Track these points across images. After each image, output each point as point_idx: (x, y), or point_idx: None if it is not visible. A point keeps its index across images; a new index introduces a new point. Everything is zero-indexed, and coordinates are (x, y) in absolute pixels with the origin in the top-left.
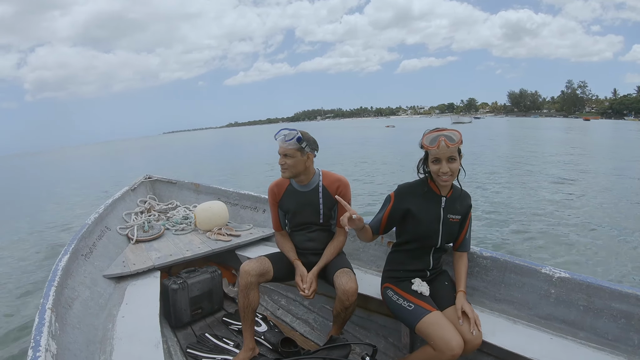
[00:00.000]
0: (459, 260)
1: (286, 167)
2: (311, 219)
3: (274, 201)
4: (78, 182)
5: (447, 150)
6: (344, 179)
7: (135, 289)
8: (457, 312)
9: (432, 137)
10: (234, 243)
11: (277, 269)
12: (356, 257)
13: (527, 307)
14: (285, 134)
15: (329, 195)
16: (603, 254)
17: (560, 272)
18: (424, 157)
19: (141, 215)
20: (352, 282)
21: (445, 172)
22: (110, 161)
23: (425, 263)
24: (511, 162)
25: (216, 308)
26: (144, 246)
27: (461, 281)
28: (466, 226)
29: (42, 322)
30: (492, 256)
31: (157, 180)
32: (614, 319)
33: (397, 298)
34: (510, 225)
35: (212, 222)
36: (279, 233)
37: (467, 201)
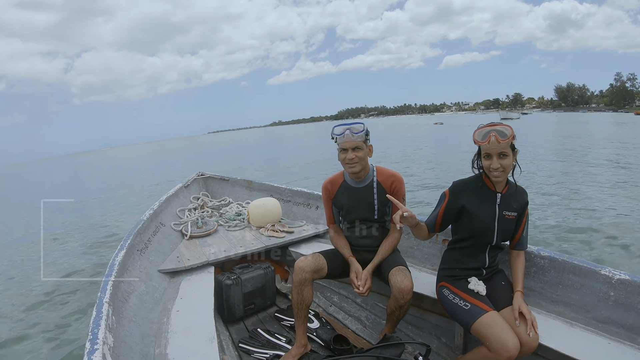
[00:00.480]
0: (516, 259)
1: (356, 160)
2: (366, 215)
3: (328, 198)
4: (128, 180)
5: (497, 145)
6: (398, 174)
7: (189, 283)
8: (514, 313)
9: (484, 132)
10: (287, 239)
11: (331, 265)
12: (410, 254)
13: (584, 310)
14: (351, 127)
15: (383, 191)
16: None
17: (620, 274)
18: (477, 152)
19: (194, 211)
20: (407, 281)
21: (495, 168)
22: (159, 160)
23: (481, 261)
24: (566, 159)
25: (269, 304)
26: (198, 242)
27: (518, 281)
28: (523, 223)
29: (99, 315)
30: (550, 256)
31: (209, 177)
32: None
33: (453, 297)
34: (568, 222)
35: (266, 219)
36: (333, 230)
37: (523, 198)
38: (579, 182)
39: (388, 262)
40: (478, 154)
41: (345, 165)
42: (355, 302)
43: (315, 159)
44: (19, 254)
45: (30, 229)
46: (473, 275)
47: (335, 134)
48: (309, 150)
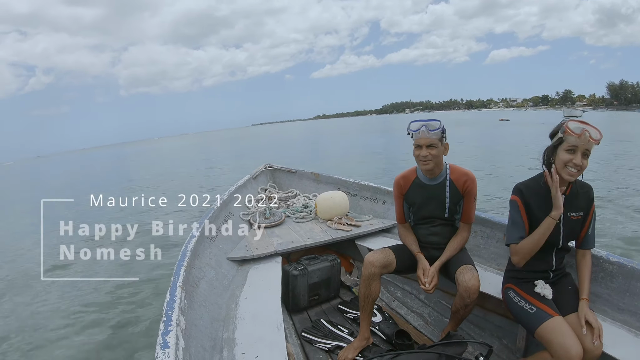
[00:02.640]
0: (582, 259)
1: (430, 158)
2: (436, 213)
3: (400, 194)
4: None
5: (587, 142)
6: (471, 173)
7: (257, 272)
8: (580, 321)
9: (578, 125)
10: (354, 233)
11: (400, 261)
12: (477, 253)
13: None
14: (427, 124)
15: (455, 190)
16: None
17: None
18: (554, 143)
19: (262, 202)
20: (474, 280)
21: (577, 163)
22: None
23: (547, 264)
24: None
25: (332, 295)
26: (266, 232)
27: (584, 287)
28: (588, 221)
29: (173, 299)
30: (619, 262)
31: (277, 169)
32: None
33: (519, 300)
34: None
35: (333, 212)
36: (402, 226)
37: (588, 194)
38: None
39: (455, 260)
40: (554, 147)
41: (418, 162)
42: (418, 299)
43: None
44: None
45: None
46: (540, 278)
47: (411, 130)
48: (359, 145)
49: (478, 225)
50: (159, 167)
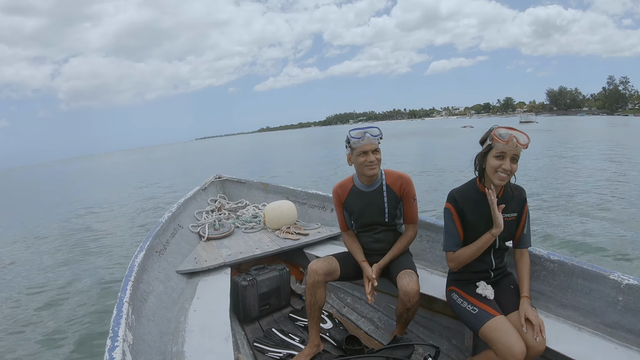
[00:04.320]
0: (520, 258)
1: (376, 162)
2: (377, 219)
3: (339, 203)
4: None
5: (514, 148)
6: (406, 175)
7: (206, 284)
8: (520, 319)
9: (505, 132)
10: (302, 242)
11: (344, 268)
12: (422, 257)
13: (593, 314)
14: (369, 130)
15: (393, 193)
16: None
17: (629, 279)
18: (484, 150)
19: (212, 213)
20: (413, 284)
21: (506, 169)
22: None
23: (487, 264)
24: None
25: (283, 304)
26: (215, 244)
27: (524, 285)
28: (522, 221)
29: (120, 314)
30: (559, 260)
31: (226, 180)
32: None
33: (462, 301)
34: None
35: (281, 221)
36: (346, 234)
37: (521, 196)
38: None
39: (397, 265)
40: (484, 153)
41: (364, 168)
42: (367, 304)
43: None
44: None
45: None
46: (481, 278)
47: (353, 138)
48: (305, 156)
49: (423, 230)
50: (105, 183)
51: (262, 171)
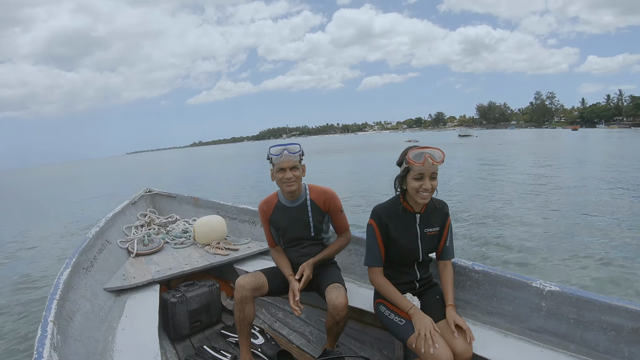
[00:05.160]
0: (444, 269)
1: (294, 179)
2: (302, 234)
3: (265, 219)
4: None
5: (431, 167)
6: (330, 190)
7: (135, 302)
8: (450, 326)
9: (418, 153)
10: (232, 257)
11: (272, 283)
12: (351, 271)
13: (518, 320)
14: (288, 147)
15: (317, 208)
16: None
17: (550, 286)
18: (402, 173)
19: (141, 228)
20: (341, 298)
21: (427, 188)
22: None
23: (412, 275)
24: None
25: (214, 321)
26: (144, 260)
27: (449, 294)
28: (445, 234)
29: (44, 335)
30: (483, 270)
31: (157, 194)
32: (604, 331)
33: (389, 313)
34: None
35: (211, 236)
36: (273, 249)
37: (443, 210)
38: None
39: (325, 279)
40: (403, 177)
41: (282, 185)
42: (299, 318)
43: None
44: None
45: None
46: (407, 289)
47: (272, 155)
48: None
49: (352, 244)
50: (32, 198)
51: (194, 186)
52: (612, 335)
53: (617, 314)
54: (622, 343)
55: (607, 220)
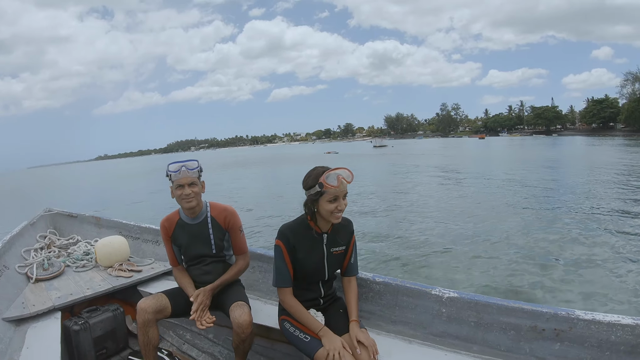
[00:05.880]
0: (348, 285)
1: (193, 195)
2: (204, 251)
3: (167, 236)
4: None
5: (344, 187)
6: (230, 208)
7: (36, 331)
8: (352, 341)
9: (332, 176)
10: (136, 279)
11: (175, 304)
12: (256, 288)
13: (421, 327)
14: (186, 164)
15: (218, 225)
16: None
17: (449, 293)
18: (314, 196)
19: (41, 251)
20: (245, 315)
21: (342, 209)
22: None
23: (316, 292)
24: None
25: (121, 347)
26: (44, 285)
27: (352, 310)
28: (350, 252)
29: None
30: (384, 281)
31: (57, 213)
32: (504, 331)
33: (294, 330)
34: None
35: (113, 258)
36: (176, 269)
37: (349, 228)
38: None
39: (229, 298)
40: (315, 200)
41: (182, 202)
42: (207, 338)
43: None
44: None
45: None
46: (311, 306)
47: (170, 171)
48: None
49: (255, 261)
50: None
51: (100, 203)
52: (512, 334)
53: (514, 314)
54: (522, 341)
55: (510, 224)
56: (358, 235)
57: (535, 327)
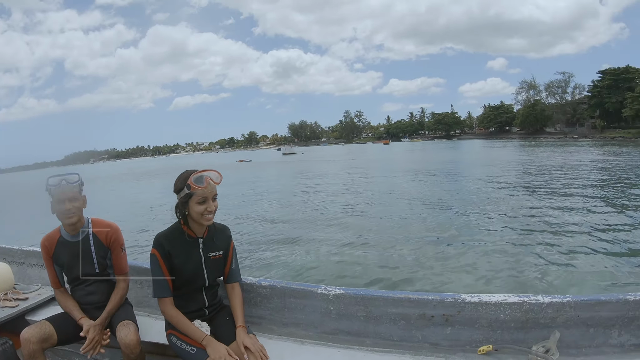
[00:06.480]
0: (232, 292)
1: (74, 211)
2: (87, 270)
3: (48, 256)
4: None
5: (213, 189)
6: (114, 224)
7: None
8: (239, 348)
9: (199, 177)
10: (22, 308)
11: (61, 332)
12: (146, 304)
13: (312, 327)
14: (66, 178)
15: (100, 243)
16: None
17: (335, 290)
18: (183, 199)
19: None
20: (132, 335)
21: (212, 210)
22: None
23: (200, 302)
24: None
25: None
26: None
27: (238, 316)
28: (229, 258)
29: None
30: (270, 284)
31: None
32: (394, 322)
33: (181, 343)
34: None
35: None
36: (58, 291)
37: (225, 234)
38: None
39: (115, 318)
40: (185, 201)
41: (62, 217)
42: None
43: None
44: None
45: None
46: (196, 317)
47: (50, 185)
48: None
49: (142, 276)
50: None
51: None
52: (402, 324)
53: (401, 305)
54: (414, 329)
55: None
56: (251, 242)
57: (424, 314)
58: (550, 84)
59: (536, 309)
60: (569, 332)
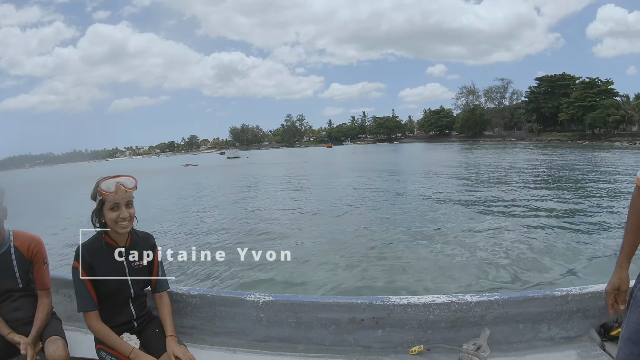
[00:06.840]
0: (160, 301)
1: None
2: (9, 285)
3: None
4: None
5: (125, 195)
6: (37, 237)
7: None
8: (170, 358)
9: (110, 183)
10: None
11: None
12: (75, 318)
13: (244, 335)
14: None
15: (22, 257)
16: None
17: (264, 297)
18: (97, 206)
19: None
20: (60, 351)
21: (125, 217)
22: None
23: (128, 314)
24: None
25: None
26: None
27: (167, 326)
28: (155, 267)
29: None
30: (199, 293)
31: None
32: (324, 327)
33: (110, 358)
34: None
35: None
36: None
37: (149, 242)
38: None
39: (43, 333)
40: (100, 208)
41: None
42: None
43: None
44: None
45: None
46: (125, 330)
47: None
48: None
49: (70, 289)
50: None
51: None
52: (333, 329)
53: (331, 310)
54: (345, 333)
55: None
56: (181, 250)
57: (354, 318)
58: (489, 90)
59: (465, 308)
60: (499, 328)
